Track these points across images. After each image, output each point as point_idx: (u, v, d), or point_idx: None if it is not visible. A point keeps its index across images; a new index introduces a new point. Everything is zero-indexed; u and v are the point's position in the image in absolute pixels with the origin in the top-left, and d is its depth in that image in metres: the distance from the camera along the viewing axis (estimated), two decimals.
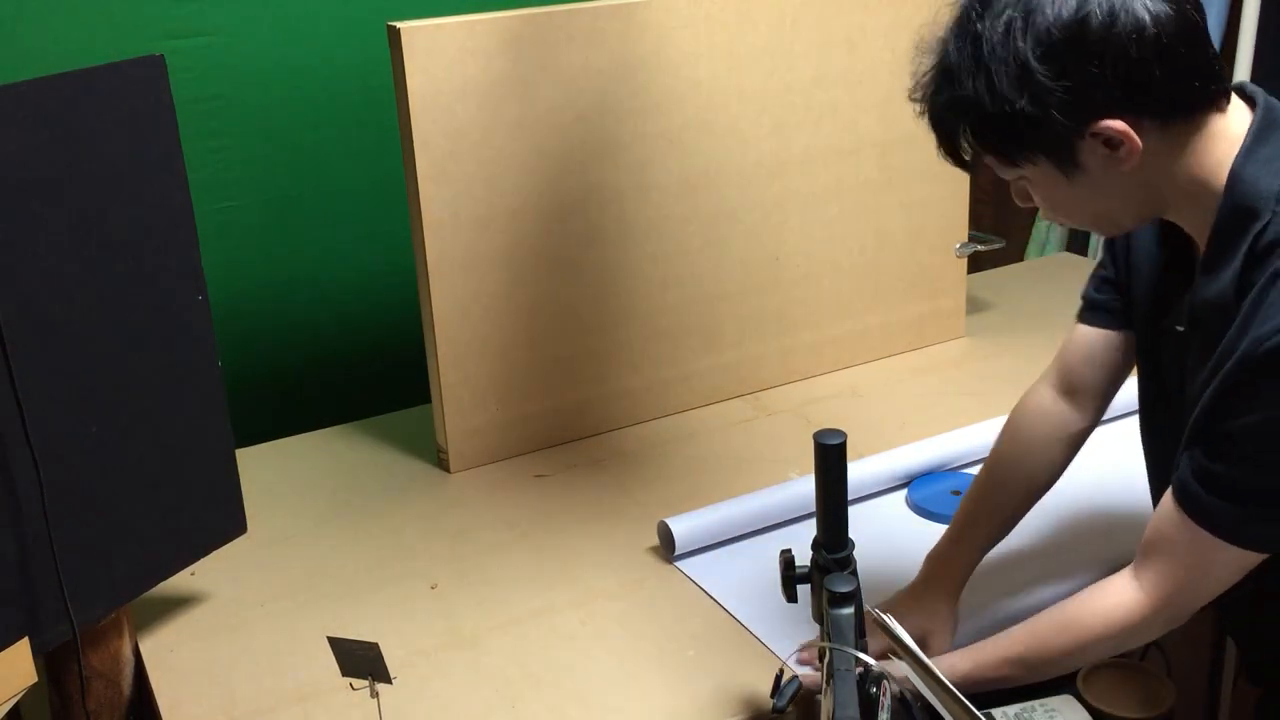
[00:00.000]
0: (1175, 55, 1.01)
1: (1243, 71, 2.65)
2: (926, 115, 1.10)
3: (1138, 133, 1.02)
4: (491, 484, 1.75)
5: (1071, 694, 1.35)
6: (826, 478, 1.11)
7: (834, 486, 1.11)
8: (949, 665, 1.23)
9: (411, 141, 1.61)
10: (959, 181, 2.05)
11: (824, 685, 1.05)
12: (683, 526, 1.52)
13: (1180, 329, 1.17)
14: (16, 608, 1.20)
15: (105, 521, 1.28)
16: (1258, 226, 1.02)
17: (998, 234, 2.21)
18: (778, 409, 1.93)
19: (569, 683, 1.32)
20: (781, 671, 1.13)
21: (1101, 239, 1.47)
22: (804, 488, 1.58)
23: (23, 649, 1.20)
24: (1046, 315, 2.21)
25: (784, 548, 1.20)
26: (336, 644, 1.16)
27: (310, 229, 2.10)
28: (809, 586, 1.17)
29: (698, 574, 1.50)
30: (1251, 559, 1.09)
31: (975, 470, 1.68)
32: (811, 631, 1.17)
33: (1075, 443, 1.39)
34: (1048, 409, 1.39)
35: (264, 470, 1.79)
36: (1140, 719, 1.34)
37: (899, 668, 1.13)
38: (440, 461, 1.80)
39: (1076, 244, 3.03)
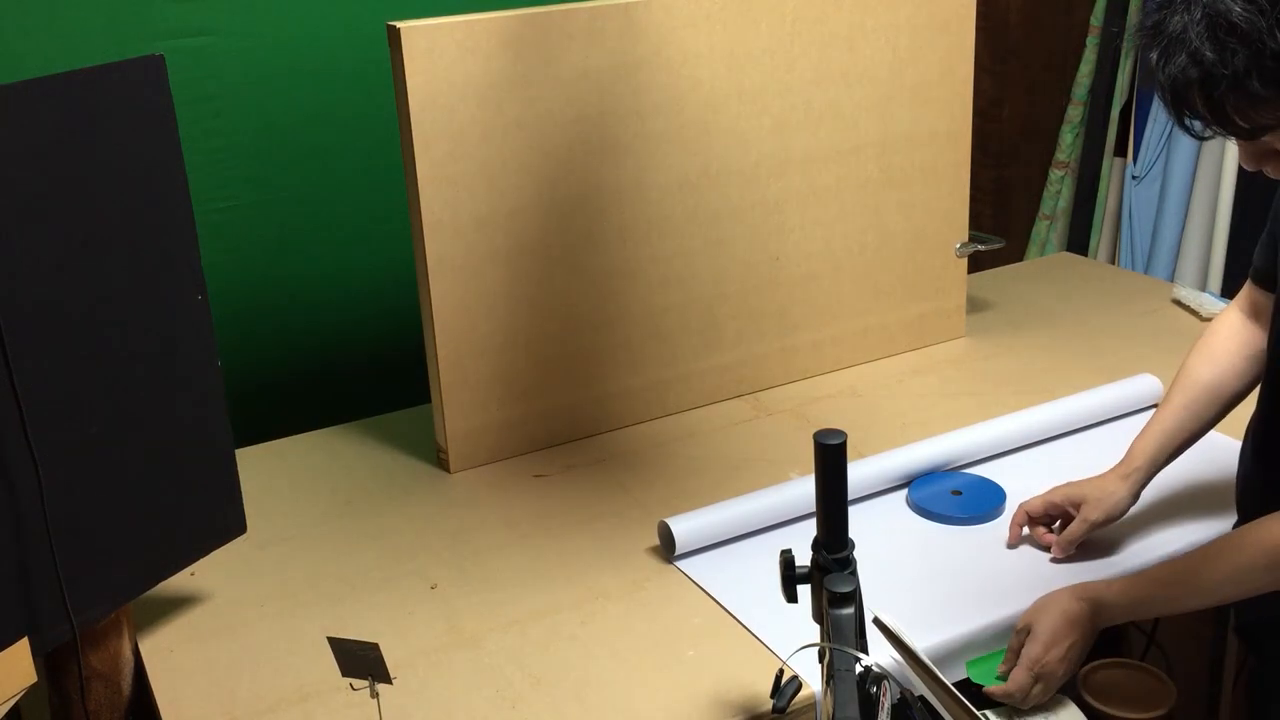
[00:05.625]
0: None
1: None
2: (1202, 75, 1.05)
3: None
4: (491, 484, 1.75)
5: (1071, 694, 1.35)
6: (826, 478, 1.11)
7: (834, 486, 1.11)
8: (1118, 590, 1.30)
9: (411, 141, 1.61)
10: (959, 181, 2.05)
11: (824, 685, 1.05)
12: (683, 526, 1.52)
13: None
14: (16, 608, 1.20)
15: (105, 521, 1.28)
16: None
17: (998, 234, 2.21)
18: (778, 409, 1.93)
19: (569, 683, 1.32)
20: (781, 671, 1.13)
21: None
22: (804, 488, 1.58)
23: (23, 649, 1.20)
24: (1046, 315, 2.22)
25: (784, 548, 1.20)
26: (336, 644, 1.16)
27: (310, 229, 2.10)
28: (809, 586, 1.17)
29: (698, 574, 1.50)
30: None
31: (975, 470, 1.70)
32: (812, 631, 1.17)
33: (1261, 359, 1.44)
34: (1237, 327, 1.47)
35: (264, 470, 1.79)
36: (1140, 719, 1.34)
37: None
38: (440, 461, 1.80)
39: (1076, 244, 3.04)
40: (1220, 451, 1.53)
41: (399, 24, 1.57)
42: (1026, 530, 1.52)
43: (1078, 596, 1.30)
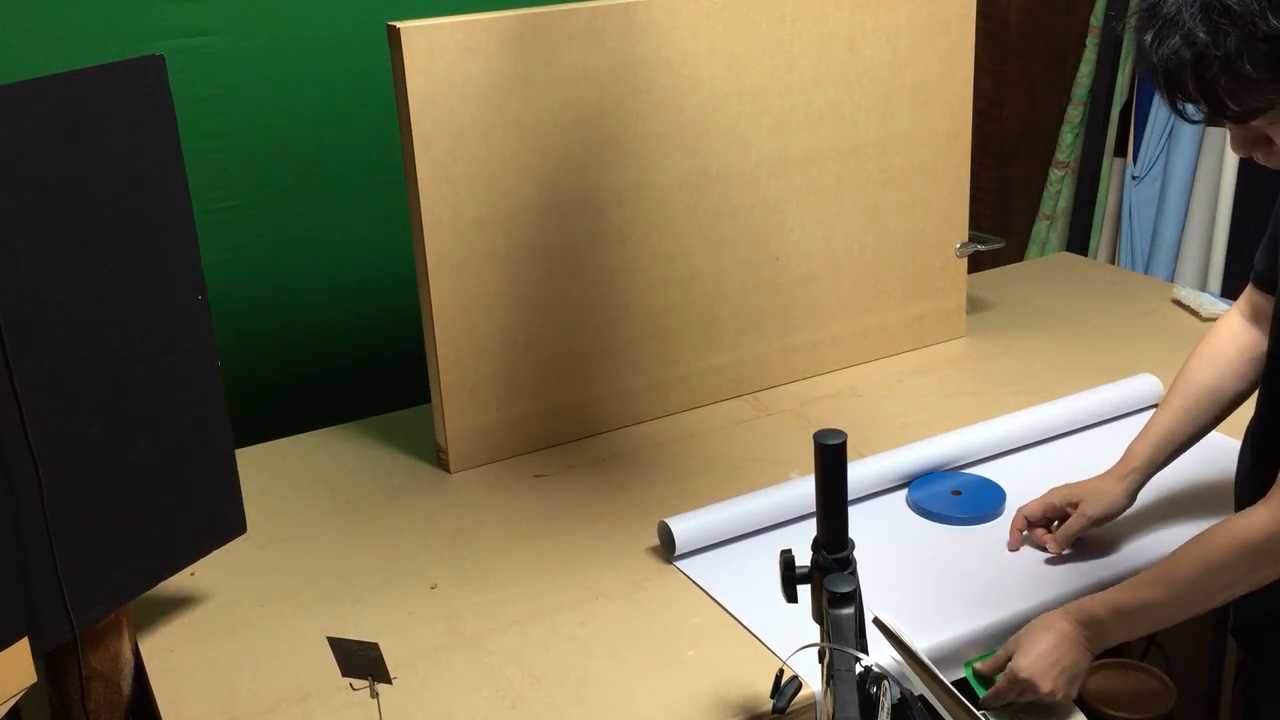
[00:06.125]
0: None
1: None
2: (1195, 57, 1.06)
3: None
4: (491, 484, 1.75)
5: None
6: (826, 478, 1.11)
7: (834, 486, 1.11)
8: (1103, 602, 1.28)
9: (411, 141, 1.61)
10: (959, 181, 2.05)
11: (824, 685, 1.05)
12: (683, 526, 1.52)
13: None
14: (16, 608, 1.20)
15: (105, 521, 1.28)
16: None
17: (998, 234, 2.21)
18: (778, 409, 1.93)
19: (569, 683, 1.32)
20: (781, 671, 1.13)
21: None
22: (804, 488, 1.58)
23: (23, 649, 1.20)
24: (1046, 315, 2.22)
25: (784, 548, 1.20)
26: (336, 644, 1.16)
27: (310, 229, 2.10)
28: (809, 586, 1.17)
29: (698, 574, 1.50)
30: None
31: (975, 470, 1.70)
32: (812, 631, 1.17)
33: (1261, 362, 1.43)
34: (1238, 331, 1.47)
35: (264, 470, 1.79)
36: (1140, 719, 1.34)
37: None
38: (440, 461, 1.80)
39: (1076, 244, 3.04)
40: (1219, 452, 1.53)
41: (399, 24, 1.57)
42: (1026, 533, 1.52)
43: (1069, 615, 1.29)
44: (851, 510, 1.15)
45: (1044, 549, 1.50)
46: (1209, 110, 1.10)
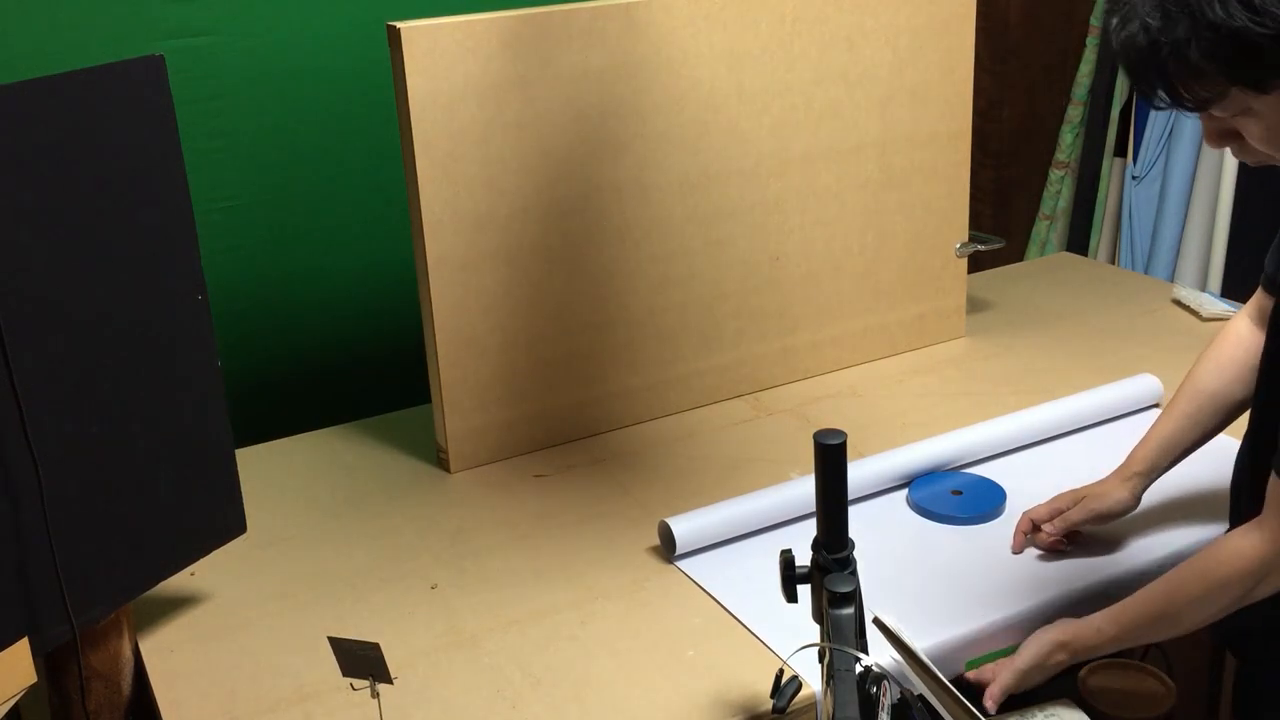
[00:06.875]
0: None
1: None
2: (1149, 43, 1.06)
3: None
4: (491, 484, 1.75)
5: (1072, 695, 1.35)
6: (826, 478, 1.11)
7: (834, 486, 1.11)
8: (1095, 629, 1.30)
9: (411, 141, 1.61)
10: (959, 181, 2.06)
11: (824, 685, 1.05)
12: (683, 526, 1.52)
13: None
14: (16, 608, 1.20)
15: (105, 521, 1.29)
16: None
17: (998, 234, 2.21)
18: (778, 409, 1.93)
19: (569, 683, 1.32)
20: (781, 671, 1.13)
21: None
22: (804, 488, 1.58)
23: (23, 649, 1.20)
24: (1046, 315, 2.22)
25: (784, 548, 1.20)
26: (337, 644, 1.16)
27: (310, 228, 2.11)
28: (809, 586, 1.17)
29: (698, 574, 1.50)
30: None
31: (975, 470, 1.70)
32: (812, 631, 1.17)
33: None
34: (1244, 335, 1.47)
35: (264, 470, 1.79)
36: (1140, 719, 1.34)
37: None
38: (440, 461, 1.80)
39: (1076, 244, 3.04)
40: (1220, 452, 1.53)
41: (399, 24, 1.57)
42: (1030, 535, 1.52)
43: (1064, 647, 1.32)
44: (851, 510, 1.15)
45: (1047, 549, 1.50)
46: (1169, 99, 1.10)
